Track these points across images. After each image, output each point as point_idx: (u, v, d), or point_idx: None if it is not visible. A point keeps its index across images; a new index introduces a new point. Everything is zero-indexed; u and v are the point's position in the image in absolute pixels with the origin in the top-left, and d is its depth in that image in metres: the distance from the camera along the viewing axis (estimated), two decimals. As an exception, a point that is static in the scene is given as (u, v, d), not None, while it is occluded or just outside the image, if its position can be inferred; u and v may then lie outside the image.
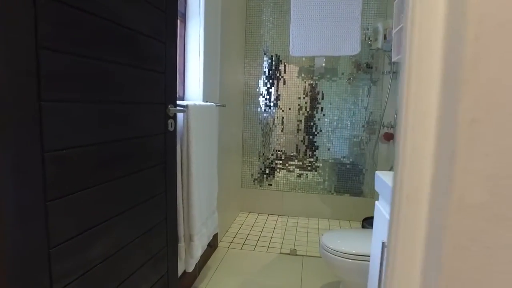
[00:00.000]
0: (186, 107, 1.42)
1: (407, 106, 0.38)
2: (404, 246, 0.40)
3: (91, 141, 0.88)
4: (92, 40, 0.86)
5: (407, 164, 0.39)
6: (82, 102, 0.84)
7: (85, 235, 0.87)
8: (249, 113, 3.14)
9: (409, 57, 0.38)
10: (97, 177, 0.91)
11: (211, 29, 2.00)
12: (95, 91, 0.89)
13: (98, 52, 0.88)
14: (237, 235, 2.62)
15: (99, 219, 0.93)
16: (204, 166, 1.64)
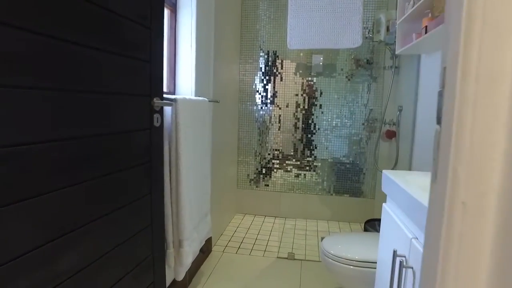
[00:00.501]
0: (174, 100, 1.30)
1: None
2: (457, 278, 0.28)
3: (52, 137, 0.75)
4: (57, 18, 0.73)
5: (463, 161, 0.27)
6: (39, 89, 0.71)
7: (49, 246, 0.74)
8: (245, 111, 3.01)
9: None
10: (61, 179, 0.78)
11: (203, 20, 1.88)
12: (58, 78, 0.76)
13: (64, 32, 0.76)
14: (232, 238, 2.50)
15: (67, 228, 0.80)
16: (195, 166, 1.51)
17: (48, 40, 0.72)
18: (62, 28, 0.75)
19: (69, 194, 0.80)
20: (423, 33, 1.46)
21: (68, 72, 0.78)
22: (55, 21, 0.73)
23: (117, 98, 0.97)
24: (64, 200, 0.79)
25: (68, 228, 0.81)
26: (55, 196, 0.76)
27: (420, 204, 0.78)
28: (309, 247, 2.39)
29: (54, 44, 0.73)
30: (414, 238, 0.84)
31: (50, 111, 0.74)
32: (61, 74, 0.76)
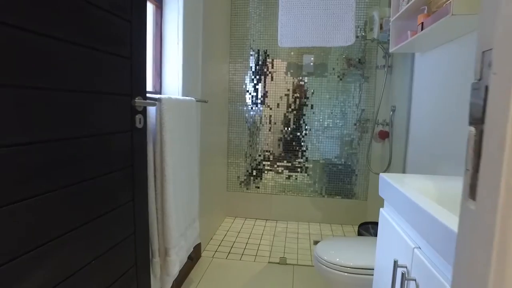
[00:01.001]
0: (159, 100, 1.21)
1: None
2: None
3: (19, 141, 0.66)
4: (20, 5, 0.65)
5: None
6: (1, 86, 0.62)
7: (19, 261, 0.65)
8: (234, 112, 2.93)
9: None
10: (32, 188, 0.69)
11: (191, 17, 1.80)
12: (25, 74, 0.67)
13: (30, 22, 0.67)
14: (222, 242, 2.42)
15: (40, 240, 0.71)
16: (182, 169, 1.43)
17: (11, 30, 0.63)
18: (27, 18, 0.67)
19: (41, 203, 0.71)
20: (418, 30, 1.41)
21: (36, 68, 0.70)
22: (18, 9, 0.64)
23: (93, 97, 0.89)
24: (35, 210, 0.70)
25: (42, 241, 0.72)
26: (24, 206, 0.67)
27: (424, 212, 0.72)
28: (301, 251, 2.32)
29: (19, 36, 0.65)
30: (416, 247, 0.77)
31: (15, 111, 0.65)
32: (28, 70, 0.68)
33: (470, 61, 1.28)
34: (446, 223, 0.63)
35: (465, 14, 1.10)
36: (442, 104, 1.51)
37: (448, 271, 0.64)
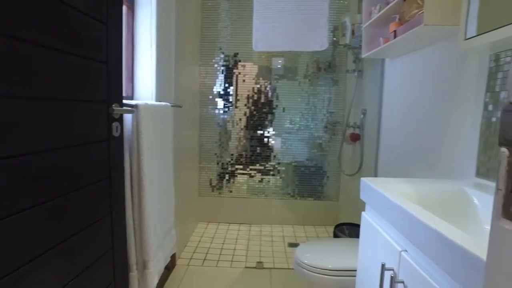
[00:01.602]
0: (136, 107, 1.16)
1: None
2: None
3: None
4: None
5: None
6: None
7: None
8: (206, 115, 2.89)
9: None
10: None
11: (164, 19, 1.74)
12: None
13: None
14: (197, 249, 2.37)
15: (7, 267, 0.65)
16: (159, 177, 1.38)
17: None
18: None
19: (13, 223, 0.65)
20: (391, 37, 1.47)
21: (1, 73, 0.63)
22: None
23: (67, 105, 0.82)
24: (7, 232, 0.63)
25: (14, 265, 0.65)
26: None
27: (412, 217, 0.74)
28: (277, 254, 2.33)
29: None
30: (403, 251, 0.80)
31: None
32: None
33: (439, 67, 1.35)
34: (435, 227, 0.65)
35: (436, 24, 1.16)
36: (412, 108, 1.58)
37: (437, 272, 0.67)
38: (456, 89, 1.25)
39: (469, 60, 1.18)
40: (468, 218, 0.93)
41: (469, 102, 1.18)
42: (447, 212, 0.95)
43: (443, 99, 1.33)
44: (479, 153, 1.11)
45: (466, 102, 1.19)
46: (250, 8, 2.71)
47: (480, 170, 1.11)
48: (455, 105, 1.25)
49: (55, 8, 0.76)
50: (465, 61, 1.20)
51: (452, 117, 1.27)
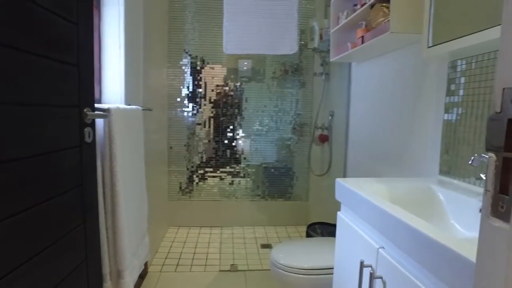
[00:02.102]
0: (108, 111, 1.11)
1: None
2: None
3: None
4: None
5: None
6: None
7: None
8: (174, 118, 2.84)
9: None
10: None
11: (132, 19, 1.69)
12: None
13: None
14: (169, 255, 2.32)
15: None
16: (132, 183, 1.34)
17: None
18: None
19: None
20: (359, 43, 1.53)
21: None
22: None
23: (36, 110, 0.78)
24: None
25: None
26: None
27: (388, 215, 0.78)
28: (250, 256, 2.34)
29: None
30: (381, 247, 0.84)
31: None
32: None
33: (403, 72, 1.43)
34: (412, 224, 0.70)
35: (402, 32, 1.23)
36: (378, 110, 1.67)
37: (413, 267, 0.71)
38: (419, 92, 1.34)
39: (431, 66, 1.26)
40: (435, 213, 1.00)
41: (431, 105, 1.26)
42: (417, 208, 1.01)
43: (408, 101, 1.41)
44: (442, 152, 1.20)
45: (428, 105, 1.28)
46: (217, 10, 2.72)
47: (443, 168, 1.19)
48: (419, 107, 1.34)
49: (19, 4, 0.72)
50: (427, 66, 1.28)
51: (416, 119, 1.36)
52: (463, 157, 1.09)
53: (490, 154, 0.31)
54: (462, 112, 1.10)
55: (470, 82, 1.07)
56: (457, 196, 0.97)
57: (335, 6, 1.83)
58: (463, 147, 1.10)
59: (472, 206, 0.91)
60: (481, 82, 1.03)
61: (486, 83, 1.01)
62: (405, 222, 0.72)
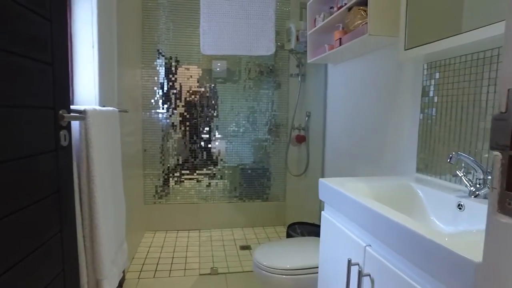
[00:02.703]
0: (84, 112, 1.06)
1: None
2: None
3: None
4: None
5: None
6: None
7: None
8: (149, 119, 2.76)
9: None
10: None
11: (105, 17, 1.62)
12: None
13: None
14: (147, 260, 2.25)
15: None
16: (111, 188, 1.28)
17: None
18: None
19: None
20: (336, 45, 1.56)
21: None
22: None
23: (8, 112, 0.73)
24: None
25: None
26: None
27: (375, 213, 0.80)
28: (230, 258, 2.32)
29: None
30: (368, 245, 0.86)
31: None
32: None
33: (380, 73, 1.48)
34: (400, 222, 0.71)
35: (379, 35, 1.27)
36: (356, 111, 1.71)
37: (401, 263, 0.73)
38: (396, 93, 1.38)
39: (407, 67, 1.31)
40: (416, 209, 1.04)
41: (407, 105, 1.31)
42: (398, 205, 1.05)
43: (385, 102, 1.46)
44: (418, 151, 1.24)
45: (405, 105, 1.32)
46: (192, 10, 2.68)
47: (420, 166, 1.24)
48: (396, 108, 1.38)
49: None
50: (404, 68, 1.33)
51: (393, 119, 1.40)
52: (439, 155, 1.14)
53: (496, 152, 0.32)
54: (437, 112, 1.15)
55: (443, 84, 1.12)
56: (435, 192, 1.01)
57: (311, 8, 1.86)
58: (439, 146, 1.14)
59: (450, 202, 0.95)
60: (454, 83, 1.08)
61: (458, 85, 1.06)
62: (392, 220, 0.74)
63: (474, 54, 1.00)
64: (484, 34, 0.83)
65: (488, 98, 0.96)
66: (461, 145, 1.05)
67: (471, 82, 1.02)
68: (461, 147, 1.05)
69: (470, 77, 1.02)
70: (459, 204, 0.92)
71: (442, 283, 0.60)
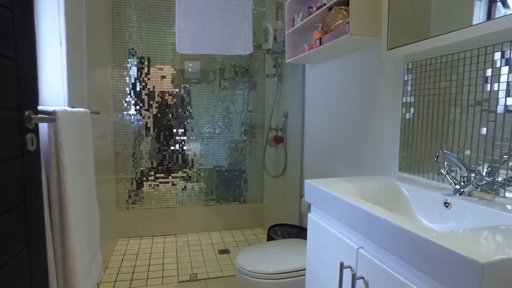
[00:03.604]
0: (54, 114, 0.97)
1: None
2: None
3: None
4: None
5: None
6: None
7: None
8: (120, 121, 2.63)
9: None
10: None
11: (74, 13, 1.51)
12: None
13: None
14: (121, 269, 2.13)
15: None
16: (84, 196, 1.19)
17: None
18: None
19: None
20: (316, 44, 1.55)
21: None
22: None
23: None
24: None
25: None
26: None
27: (368, 214, 0.78)
28: (209, 263, 2.26)
29: None
30: (360, 247, 0.84)
31: None
32: None
33: (360, 73, 1.48)
34: (393, 222, 0.70)
35: (361, 35, 1.27)
36: (336, 111, 1.71)
37: (396, 264, 0.72)
38: (377, 93, 1.39)
39: (388, 67, 1.32)
40: (402, 208, 1.04)
41: (389, 105, 1.32)
42: (385, 204, 1.04)
43: (366, 102, 1.46)
44: (401, 150, 1.25)
45: (386, 105, 1.33)
46: (165, 8, 2.59)
47: (402, 165, 1.25)
48: (377, 107, 1.39)
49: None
50: (385, 68, 1.34)
51: (374, 118, 1.41)
52: (422, 154, 1.15)
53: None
54: (418, 111, 1.16)
55: (425, 83, 1.13)
56: (421, 191, 1.01)
57: (289, 8, 1.84)
58: (421, 145, 1.16)
59: (436, 200, 0.96)
60: (435, 83, 1.09)
61: (439, 84, 1.08)
62: (386, 220, 0.72)
63: (455, 55, 1.02)
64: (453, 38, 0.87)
65: (469, 97, 0.98)
66: (443, 144, 1.07)
67: (452, 81, 1.03)
68: (443, 146, 1.07)
69: (451, 76, 1.03)
70: (446, 202, 0.93)
71: (442, 284, 0.59)
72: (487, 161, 0.92)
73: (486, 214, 0.80)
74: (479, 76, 0.94)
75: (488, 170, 0.91)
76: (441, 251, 0.57)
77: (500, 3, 0.78)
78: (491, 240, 0.62)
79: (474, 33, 0.82)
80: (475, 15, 0.83)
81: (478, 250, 0.54)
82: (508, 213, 0.75)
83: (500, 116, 0.88)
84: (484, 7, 0.82)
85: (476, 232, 0.66)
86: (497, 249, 0.56)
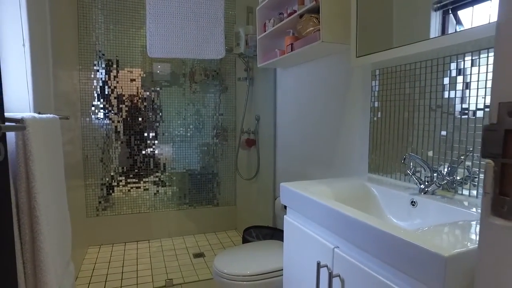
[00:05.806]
0: (22, 121, 0.93)
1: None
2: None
3: None
4: None
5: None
6: None
7: None
8: (88, 126, 2.55)
9: None
10: None
11: (37, 13, 1.45)
12: None
13: None
14: (93, 278, 2.06)
15: None
16: (55, 205, 1.14)
17: None
18: None
19: None
20: (288, 50, 1.60)
21: None
22: None
23: None
24: None
25: None
26: None
27: (343, 215, 0.82)
28: (184, 268, 2.24)
29: None
30: (336, 247, 0.88)
31: None
32: None
33: (330, 78, 1.54)
34: (367, 222, 0.75)
35: (332, 42, 1.32)
36: (307, 114, 1.76)
37: (371, 262, 0.76)
38: (346, 97, 1.45)
39: (357, 72, 1.39)
40: (373, 207, 1.10)
41: (358, 109, 1.39)
42: (357, 204, 1.10)
43: (336, 106, 1.52)
44: (370, 152, 1.32)
45: (356, 108, 1.40)
46: (133, 10, 2.55)
47: (372, 167, 1.32)
48: (347, 111, 1.45)
49: None
50: (354, 73, 1.41)
51: (345, 121, 1.47)
52: (389, 155, 1.23)
53: (488, 160, 0.34)
54: (385, 115, 1.24)
55: (391, 89, 1.21)
56: (389, 191, 1.08)
57: (260, 13, 1.88)
58: (389, 147, 1.23)
59: (404, 199, 1.02)
60: (401, 89, 1.17)
61: (405, 90, 1.15)
62: (358, 220, 0.77)
63: (417, 63, 1.09)
64: (412, 50, 0.95)
65: (431, 103, 1.05)
66: (409, 146, 1.14)
67: (415, 88, 1.11)
68: (409, 148, 1.14)
69: (415, 83, 1.11)
70: (412, 201, 1.00)
71: (411, 277, 0.64)
72: (447, 162, 1.00)
73: (448, 211, 0.87)
74: (438, 84, 1.02)
75: (448, 170, 0.99)
76: (410, 247, 0.62)
77: (452, 15, 0.85)
78: (451, 235, 0.68)
79: (430, 46, 0.90)
80: (431, 27, 0.90)
81: (442, 245, 0.60)
82: (465, 209, 0.82)
83: (457, 120, 0.96)
84: (439, 18, 0.89)
85: (439, 228, 0.71)
86: (456, 243, 0.62)
